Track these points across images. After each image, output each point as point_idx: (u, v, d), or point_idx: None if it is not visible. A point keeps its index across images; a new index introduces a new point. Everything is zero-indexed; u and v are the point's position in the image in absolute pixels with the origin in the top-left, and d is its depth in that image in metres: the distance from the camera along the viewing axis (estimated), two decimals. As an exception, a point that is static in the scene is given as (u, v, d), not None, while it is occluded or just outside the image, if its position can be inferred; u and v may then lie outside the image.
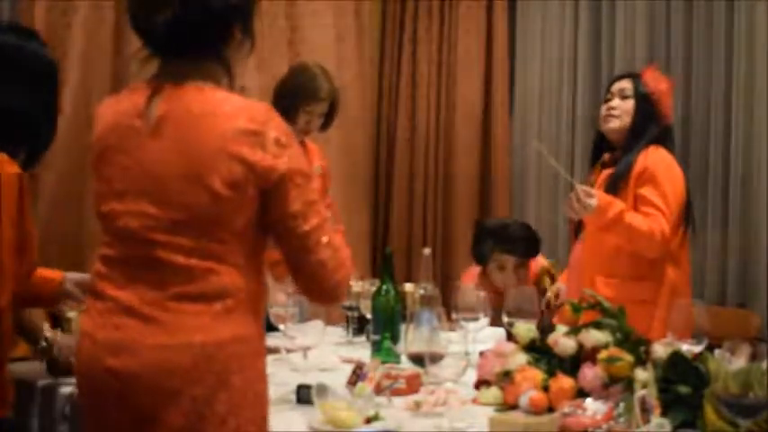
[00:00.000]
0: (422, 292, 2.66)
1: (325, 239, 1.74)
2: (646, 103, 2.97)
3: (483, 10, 5.19)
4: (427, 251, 2.80)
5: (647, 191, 2.86)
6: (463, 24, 5.20)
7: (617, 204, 2.81)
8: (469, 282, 3.54)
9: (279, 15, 4.70)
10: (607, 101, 3.05)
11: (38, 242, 2.17)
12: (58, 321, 2.52)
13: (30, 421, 2.37)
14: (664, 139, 2.98)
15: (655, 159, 2.90)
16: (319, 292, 1.79)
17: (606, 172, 3.00)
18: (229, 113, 1.68)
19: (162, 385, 1.65)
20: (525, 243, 3.64)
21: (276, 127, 1.70)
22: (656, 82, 3.00)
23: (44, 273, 2.29)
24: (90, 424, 1.78)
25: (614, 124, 3.00)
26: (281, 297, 2.91)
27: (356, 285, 2.96)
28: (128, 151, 1.73)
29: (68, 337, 2.42)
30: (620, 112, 2.99)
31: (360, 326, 2.92)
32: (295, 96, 3.37)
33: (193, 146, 1.67)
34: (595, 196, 2.79)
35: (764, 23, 4.19)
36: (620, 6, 4.66)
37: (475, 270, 3.67)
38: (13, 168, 2.06)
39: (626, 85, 3.02)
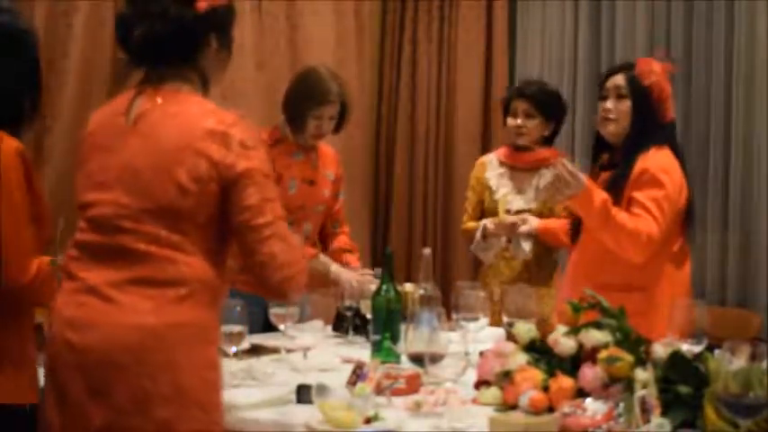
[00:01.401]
0: (422, 292, 2.66)
1: (275, 232, 1.84)
2: (643, 102, 2.83)
3: (483, 10, 5.19)
4: (427, 251, 2.80)
5: (640, 193, 2.74)
6: (463, 24, 5.20)
7: (602, 193, 2.72)
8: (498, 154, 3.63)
9: (279, 15, 4.71)
10: (603, 98, 2.92)
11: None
12: None
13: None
14: (666, 138, 2.86)
15: (654, 162, 2.78)
16: (267, 285, 1.88)
17: (605, 175, 2.91)
18: (200, 114, 1.85)
19: (112, 360, 1.78)
20: (539, 92, 3.55)
21: (242, 131, 1.85)
22: (652, 72, 2.85)
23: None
24: (51, 394, 1.89)
25: (611, 128, 2.88)
26: None
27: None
28: (109, 147, 1.90)
29: None
30: (616, 114, 2.86)
31: (361, 325, 2.91)
32: (302, 102, 3.24)
33: (164, 141, 1.83)
34: (581, 177, 2.69)
35: (764, 23, 4.19)
36: (620, 6, 4.66)
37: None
38: (12, 142, 2.10)
39: (621, 81, 2.88)
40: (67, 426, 1.84)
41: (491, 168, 3.65)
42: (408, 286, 2.95)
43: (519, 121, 3.53)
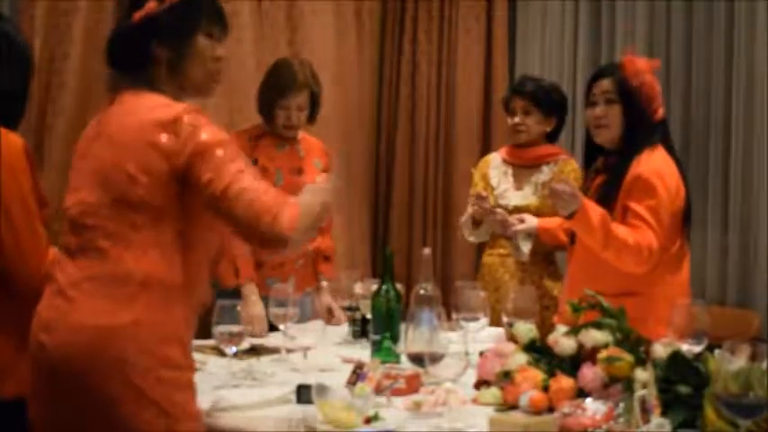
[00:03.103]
0: (422, 292, 2.66)
1: (240, 188, 1.82)
2: (634, 105, 2.79)
3: (483, 10, 5.19)
4: (427, 251, 2.80)
5: (636, 204, 2.70)
6: (463, 24, 5.20)
7: (598, 210, 2.68)
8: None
9: (279, 15, 4.71)
10: (591, 104, 2.86)
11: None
12: None
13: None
14: (658, 137, 2.82)
15: (648, 167, 2.73)
16: (260, 237, 1.84)
17: (600, 179, 2.88)
18: (150, 108, 1.89)
19: (70, 362, 1.80)
20: (535, 88, 3.54)
21: (193, 116, 1.86)
22: (639, 72, 2.80)
23: None
24: (31, 395, 1.92)
25: (605, 135, 2.84)
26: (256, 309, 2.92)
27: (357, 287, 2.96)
28: (83, 153, 1.97)
29: None
30: (607, 121, 2.81)
31: (362, 328, 2.91)
32: (267, 92, 3.29)
33: (119, 138, 1.88)
34: (579, 198, 2.66)
35: (764, 23, 4.19)
36: (620, 6, 4.66)
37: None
38: (16, 138, 2.14)
39: (608, 86, 2.82)
40: (45, 426, 1.88)
41: (493, 166, 3.66)
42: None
43: (517, 118, 3.53)
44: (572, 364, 2.10)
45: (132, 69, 1.97)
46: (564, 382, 2.04)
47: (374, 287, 2.72)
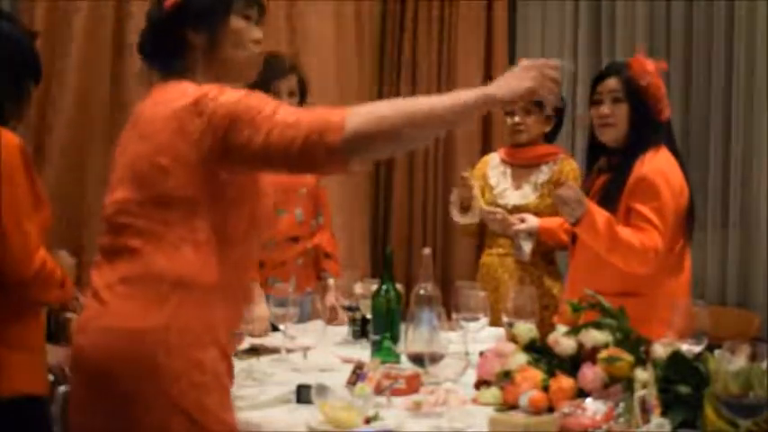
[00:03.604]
0: (422, 292, 2.66)
1: (279, 122, 1.71)
2: (640, 104, 2.79)
3: (483, 10, 5.19)
4: (427, 251, 2.80)
5: (641, 205, 2.70)
6: (463, 24, 5.20)
7: (604, 213, 2.69)
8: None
9: (279, 15, 4.70)
10: (596, 102, 2.86)
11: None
12: (56, 324, 2.51)
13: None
14: (663, 138, 2.83)
15: (653, 168, 2.74)
16: (317, 163, 1.71)
17: (603, 178, 2.89)
18: (176, 96, 1.80)
19: (100, 366, 1.75)
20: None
21: (210, 89, 1.78)
22: (646, 73, 2.80)
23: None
24: (69, 398, 1.89)
25: (611, 134, 2.84)
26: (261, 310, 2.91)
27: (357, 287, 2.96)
28: (123, 149, 1.89)
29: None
30: (614, 119, 2.82)
31: (362, 328, 2.91)
32: (259, 81, 3.30)
33: (148, 130, 1.81)
34: (585, 204, 2.67)
35: (764, 23, 4.19)
36: (620, 6, 4.66)
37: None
38: (12, 137, 2.13)
39: (615, 85, 2.83)
40: (81, 428, 1.83)
41: (492, 166, 3.66)
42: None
43: (517, 118, 3.53)
44: (572, 364, 2.10)
45: (166, 59, 1.92)
46: (564, 382, 2.04)
47: (374, 287, 2.72)
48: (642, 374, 1.93)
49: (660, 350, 2.03)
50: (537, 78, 1.79)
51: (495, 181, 3.61)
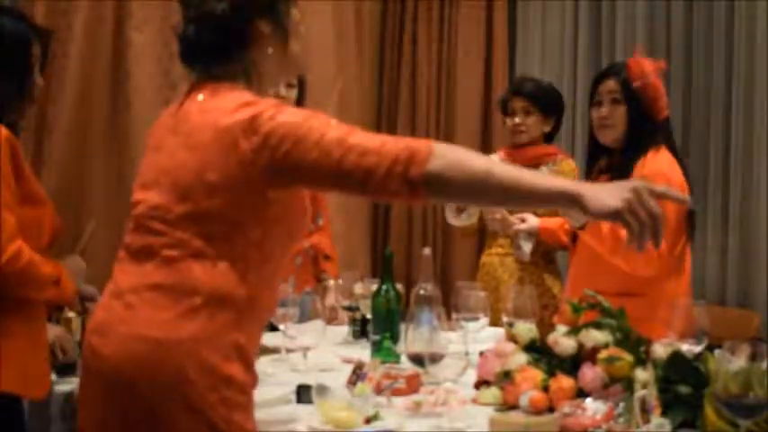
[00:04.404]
0: (422, 292, 2.66)
1: (356, 146, 1.64)
2: (638, 106, 2.80)
3: (483, 10, 5.19)
4: (427, 251, 2.80)
5: None
6: (463, 24, 5.21)
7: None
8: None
9: (279, 15, 4.70)
10: (596, 104, 2.88)
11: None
12: (56, 324, 2.51)
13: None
14: (662, 137, 2.83)
15: (653, 169, 2.73)
16: (397, 190, 1.64)
17: (603, 178, 2.86)
18: (230, 108, 1.71)
19: (123, 372, 1.67)
20: (535, 89, 3.55)
21: (268, 107, 1.70)
22: (644, 73, 2.81)
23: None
24: (81, 396, 1.82)
25: (609, 135, 2.85)
26: None
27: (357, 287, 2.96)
28: (156, 146, 1.82)
29: (67, 335, 2.43)
30: (612, 121, 2.83)
31: (362, 328, 2.91)
32: None
33: (197, 139, 1.72)
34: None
35: (764, 23, 4.19)
36: (620, 6, 4.66)
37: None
38: (0, 129, 2.10)
39: (614, 86, 2.84)
40: (91, 430, 1.77)
41: None
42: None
43: (517, 119, 3.54)
44: (572, 364, 2.10)
45: (223, 59, 1.80)
46: (564, 382, 2.04)
47: (374, 287, 2.72)
48: (642, 374, 1.93)
49: (660, 350, 2.03)
50: (629, 202, 1.60)
51: None
